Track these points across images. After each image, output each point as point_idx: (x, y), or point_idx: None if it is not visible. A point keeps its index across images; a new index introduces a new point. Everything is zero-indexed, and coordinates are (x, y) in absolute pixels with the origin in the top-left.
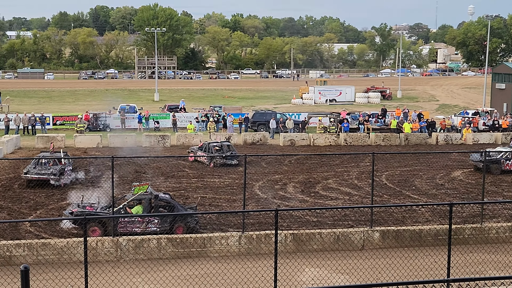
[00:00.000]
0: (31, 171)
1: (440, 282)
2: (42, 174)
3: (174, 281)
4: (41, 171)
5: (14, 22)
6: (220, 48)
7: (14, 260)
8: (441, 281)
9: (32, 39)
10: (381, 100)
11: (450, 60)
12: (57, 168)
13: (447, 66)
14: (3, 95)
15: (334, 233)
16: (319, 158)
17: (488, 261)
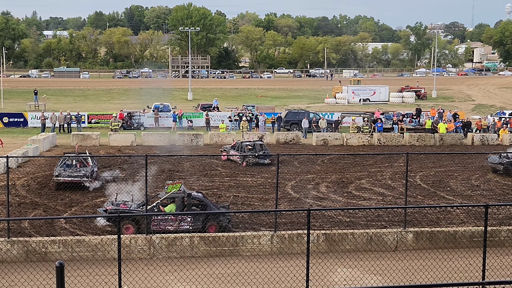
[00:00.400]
0: (62, 173)
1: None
2: (74, 177)
3: (206, 279)
4: (72, 173)
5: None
6: (253, 48)
7: (50, 257)
8: (476, 283)
9: (68, 39)
10: (415, 99)
11: (486, 59)
12: (88, 170)
13: (483, 66)
14: (40, 93)
15: (367, 233)
16: (352, 158)
17: None
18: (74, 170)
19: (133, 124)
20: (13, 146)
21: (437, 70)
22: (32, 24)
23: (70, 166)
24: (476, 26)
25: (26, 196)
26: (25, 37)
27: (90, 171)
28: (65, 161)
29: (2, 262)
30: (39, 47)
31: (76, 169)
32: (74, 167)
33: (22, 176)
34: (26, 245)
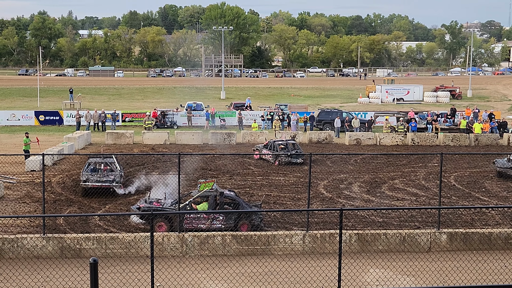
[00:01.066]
0: (90, 178)
1: None
2: (103, 182)
3: (238, 278)
4: (102, 178)
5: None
6: (286, 47)
7: (84, 253)
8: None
9: (103, 38)
10: (450, 99)
11: None
12: (117, 174)
13: None
14: (75, 92)
15: (400, 234)
16: (386, 158)
17: None
18: (102, 174)
19: (166, 122)
20: (48, 144)
21: (472, 69)
22: (68, 23)
23: (97, 171)
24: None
25: (61, 193)
26: (61, 37)
27: (119, 175)
28: (92, 165)
29: (38, 258)
30: (75, 46)
31: (104, 174)
32: (102, 172)
33: (57, 173)
34: (61, 241)
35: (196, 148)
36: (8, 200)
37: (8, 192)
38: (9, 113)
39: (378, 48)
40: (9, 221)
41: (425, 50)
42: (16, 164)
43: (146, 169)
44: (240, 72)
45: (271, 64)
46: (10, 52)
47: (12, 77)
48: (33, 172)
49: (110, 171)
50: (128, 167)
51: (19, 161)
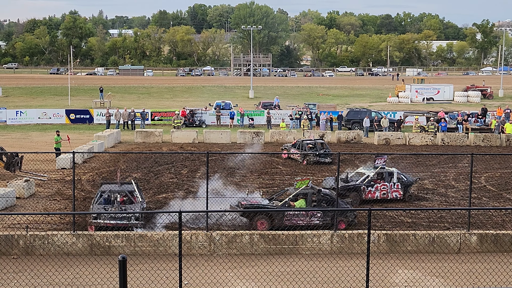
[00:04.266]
0: (103, 215)
1: None
2: (120, 219)
3: (265, 277)
4: (117, 215)
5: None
6: (315, 46)
7: (113, 250)
8: None
9: (133, 37)
10: (481, 99)
11: None
12: (137, 207)
13: None
14: (105, 91)
15: (429, 235)
16: (415, 158)
17: None
18: (118, 207)
19: (195, 121)
20: (79, 142)
21: (504, 68)
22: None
23: (112, 203)
24: None
25: (91, 191)
26: (92, 36)
27: (141, 208)
28: (105, 195)
29: (68, 254)
30: (105, 46)
31: (121, 207)
32: (118, 204)
33: (87, 171)
34: (90, 238)
35: (224, 147)
36: (39, 197)
37: (39, 189)
38: (40, 112)
39: (408, 47)
40: (40, 218)
41: (455, 49)
42: (47, 162)
43: (175, 167)
44: (268, 71)
45: (300, 63)
46: (41, 51)
47: (44, 76)
48: (63, 170)
49: (129, 203)
50: (157, 165)
51: (50, 159)
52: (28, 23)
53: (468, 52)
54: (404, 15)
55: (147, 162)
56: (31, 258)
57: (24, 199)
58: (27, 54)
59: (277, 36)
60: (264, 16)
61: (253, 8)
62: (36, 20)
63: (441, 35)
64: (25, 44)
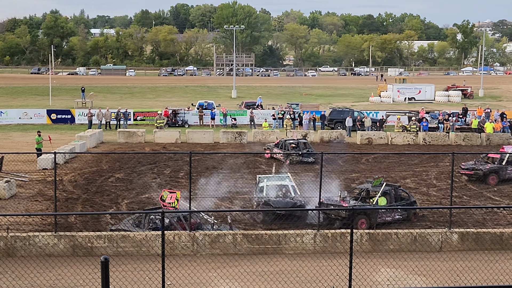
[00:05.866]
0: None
1: None
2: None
3: (249, 277)
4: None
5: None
6: (298, 46)
7: (95, 251)
8: None
9: (115, 37)
10: (462, 99)
11: None
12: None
13: None
14: (87, 91)
15: (412, 233)
16: (397, 157)
17: None
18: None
19: (178, 121)
20: (60, 142)
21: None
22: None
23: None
24: None
25: (73, 192)
26: (73, 35)
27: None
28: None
29: (49, 256)
30: (87, 45)
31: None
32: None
33: (69, 171)
34: (72, 239)
35: (207, 147)
36: (20, 198)
37: (20, 190)
38: (21, 112)
39: (389, 47)
40: (21, 219)
41: (436, 50)
42: (28, 162)
43: (158, 167)
44: (251, 71)
45: (283, 63)
46: (22, 50)
47: (25, 76)
48: (45, 171)
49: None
50: (140, 165)
51: (31, 159)
52: (9, 22)
53: (449, 52)
54: (386, 15)
55: (130, 162)
56: (12, 259)
57: (5, 200)
58: (7, 53)
59: (260, 36)
60: (246, 16)
61: (236, 8)
62: (17, 19)
63: (422, 35)
64: (5, 43)
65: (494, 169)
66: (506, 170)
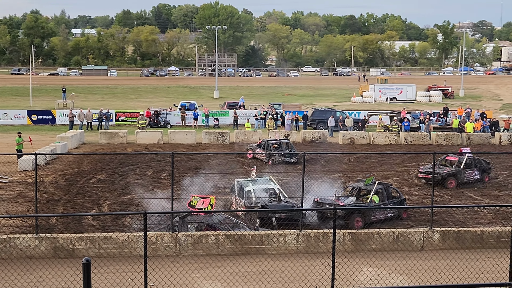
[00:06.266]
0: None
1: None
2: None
3: (232, 278)
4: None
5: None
6: (280, 46)
7: (77, 253)
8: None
9: (96, 37)
10: (442, 99)
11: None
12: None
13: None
14: (68, 91)
15: (393, 233)
16: (379, 157)
17: None
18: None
19: (160, 122)
20: (41, 143)
21: (464, 69)
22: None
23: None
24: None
25: (54, 193)
26: (54, 36)
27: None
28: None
29: (31, 258)
30: (68, 46)
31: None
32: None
33: (50, 173)
34: (54, 241)
35: (189, 147)
36: (1, 200)
37: (0, 192)
38: (1, 113)
39: (371, 48)
40: (1, 221)
41: (418, 50)
42: (9, 163)
43: (140, 168)
44: (233, 71)
45: (265, 63)
46: (2, 51)
47: (5, 76)
48: (25, 172)
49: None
50: (122, 166)
51: (11, 160)
52: None
53: (429, 53)
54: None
55: (111, 163)
56: None
57: None
58: None
59: (242, 36)
60: (229, 16)
61: (218, 8)
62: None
63: (403, 35)
64: None
65: (452, 172)
66: (464, 174)
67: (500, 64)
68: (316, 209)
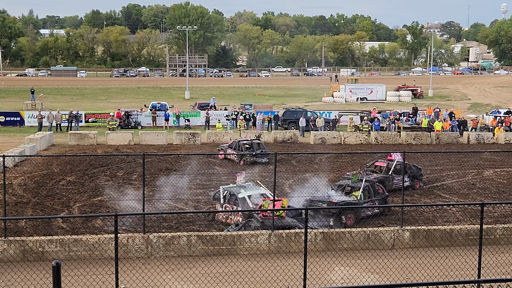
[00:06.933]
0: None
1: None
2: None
3: (204, 278)
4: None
5: (48, 21)
6: (251, 46)
7: (47, 256)
8: (472, 281)
9: (65, 37)
10: (412, 98)
11: (482, 58)
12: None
13: (479, 65)
14: (37, 92)
15: (365, 232)
16: (350, 157)
17: None
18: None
19: (130, 123)
20: (10, 145)
21: (433, 69)
22: (29, 22)
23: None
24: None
25: (23, 195)
26: (22, 36)
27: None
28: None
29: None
30: (36, 46)
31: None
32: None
33: (19, 175)
34: (23, 244)
35: (160, 148)
36: None
37: None
38: None
39: (341, 48)
40: None
41: (387, 50)
42: None
43: (111, 170)
44: (204, 71)
45: (236, 63)
46: None
47: None
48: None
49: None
50: (92, 168)
51: None
52: None
53: (399, 53)
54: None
55: (81, 164)
56: None
57: None
58: None
59: (213, 36)
60: (199, 17)
61: (188, 9)
62: None
63: (373, 36)
64: None
65: (380, 179)
66: (393, 180)
67: (468, 64)
68: (324, 208)
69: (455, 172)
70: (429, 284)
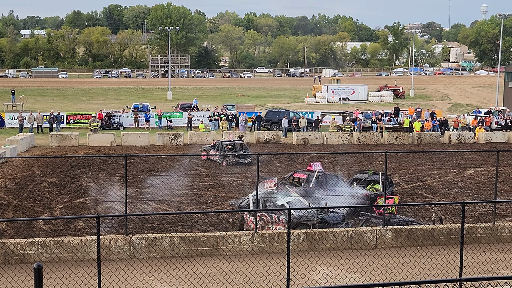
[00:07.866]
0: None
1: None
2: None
3: (187, 280)
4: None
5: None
6: (233, 47)
7: (28, 258)
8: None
9: (46, 38)
10: (394, 99)
11: (462, 59)
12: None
13: (459, 65)
14: (17, 93)
15: (347, 232)
16: (333, 157)
17: (501, 260)
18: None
19: (112, 124)
20: None
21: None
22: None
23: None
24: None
25: (4, 197)
26: (2, 37)
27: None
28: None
29: None
30: (16, 47)
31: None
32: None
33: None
34: (3, 247)
35: (143, 149)
36: None
37: None
38: None
39: (323, 49)
40: None
41: (369, 51)
42: None
43: (93, 171)
44: (186, 72)
45: (218, 64)
46: None
47: None
48: None
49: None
50: (74, 169)
51: None
52: None
53: (380, 54)
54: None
55: (63, 166)
56: None
57: None
58: None
59: (195, 37)
60: (181, 17)
61: (170, 9)
62: None
63: (355, 37)
64: None
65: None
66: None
67: (449, 65)
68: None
69: (436, 172)
70: (411, 283)
